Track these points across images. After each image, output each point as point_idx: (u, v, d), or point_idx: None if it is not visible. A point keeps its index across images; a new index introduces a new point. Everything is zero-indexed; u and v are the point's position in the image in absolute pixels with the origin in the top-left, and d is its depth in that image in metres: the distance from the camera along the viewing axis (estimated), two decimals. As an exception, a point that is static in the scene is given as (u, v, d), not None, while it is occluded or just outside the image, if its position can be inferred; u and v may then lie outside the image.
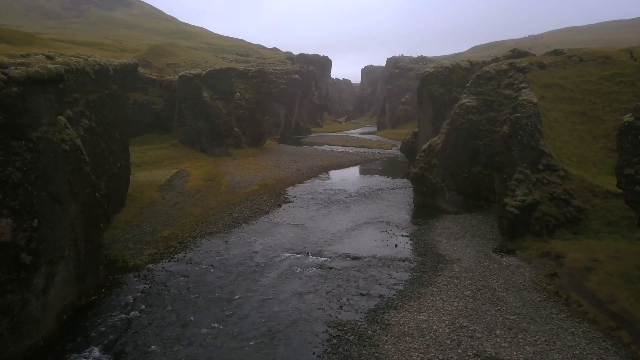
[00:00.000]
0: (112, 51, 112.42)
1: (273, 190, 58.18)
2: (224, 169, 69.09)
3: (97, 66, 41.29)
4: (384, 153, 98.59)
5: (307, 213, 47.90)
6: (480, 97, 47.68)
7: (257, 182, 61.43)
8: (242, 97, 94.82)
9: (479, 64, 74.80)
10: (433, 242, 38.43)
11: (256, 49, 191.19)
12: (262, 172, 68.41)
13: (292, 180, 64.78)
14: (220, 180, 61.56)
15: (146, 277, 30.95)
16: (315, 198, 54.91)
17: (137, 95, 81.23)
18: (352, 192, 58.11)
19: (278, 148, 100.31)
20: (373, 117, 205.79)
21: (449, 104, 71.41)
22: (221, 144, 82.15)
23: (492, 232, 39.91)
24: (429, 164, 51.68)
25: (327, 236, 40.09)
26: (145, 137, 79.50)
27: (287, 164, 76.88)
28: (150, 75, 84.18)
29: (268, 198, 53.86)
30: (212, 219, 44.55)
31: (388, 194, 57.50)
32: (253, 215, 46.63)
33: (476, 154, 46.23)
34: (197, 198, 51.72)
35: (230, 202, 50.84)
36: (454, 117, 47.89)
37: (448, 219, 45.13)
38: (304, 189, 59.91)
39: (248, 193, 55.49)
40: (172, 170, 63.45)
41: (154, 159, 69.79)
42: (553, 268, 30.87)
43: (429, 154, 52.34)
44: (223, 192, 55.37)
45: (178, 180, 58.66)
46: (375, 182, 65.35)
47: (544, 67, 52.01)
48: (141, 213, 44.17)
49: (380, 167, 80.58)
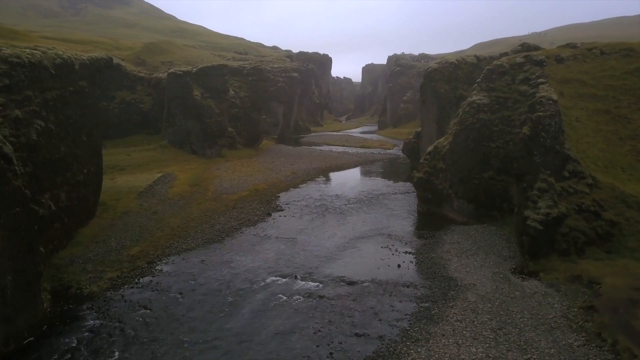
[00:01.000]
0: (107, 49, 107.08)
1: (264, 196, 52.53)
2: (214, 172, 63.49)
3: (59, 60, 35.67)
4: (385, 153, 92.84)
5: (299, 224, 42.26)
6: (493, 94, 41.91)
7: (248, 187, 55.80)
8: (236, 96, 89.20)
9: (485, 59, 68.94)
10: (441, 260, 32.73)
11: (255, 47, 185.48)
12: (254, 175, 62.78)
13: (286, 185, 59.12)
14: (207, 185, 55.97)
15: (100, 310, 25.38)
16: (309, 205, 49.27)
17: (124, 94, 75.69)
18: (351, 198, 52.44)
19: (275, 148, 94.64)
20: (374, 116, 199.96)
21: (455, 102, 65.67)
22: (213, 144, 76.55)
23: (508, 248, 34.20)
24: (435, 168, 45.97)
25: (320, 253, 34.44)
26: (132, 138, 73.93)
27: (282, 166, 71.23)
28: (138, 73, 78.63)
29: (258, 206, 48.23)
30: (191, 231, 38.94)
31: (389, 200, 51.79)
32: (238, 226, 41.01)
33: (488, 158, 40.49)
34: (179, 206, 46.14)
35: (215, 211, 45.23)
36: (463, 117, 42.16)
37: (457, 230, 39.43)
38: (299, 195, 54.26)
39: (236, 200, 49.86)
40: (157, 174, 57.91)
41: (139, 162, 64.22)
42: (589, 298, 25.17)
43: (434, 157, 46.61)
44: (209, 198, 49.76)
45: (161, 185, 53.10)
46: (376, 186, 59.66)
47: (561, 60, 46.20)
48: (111, 225, 38.60)
49: (381, 169, 74.86)
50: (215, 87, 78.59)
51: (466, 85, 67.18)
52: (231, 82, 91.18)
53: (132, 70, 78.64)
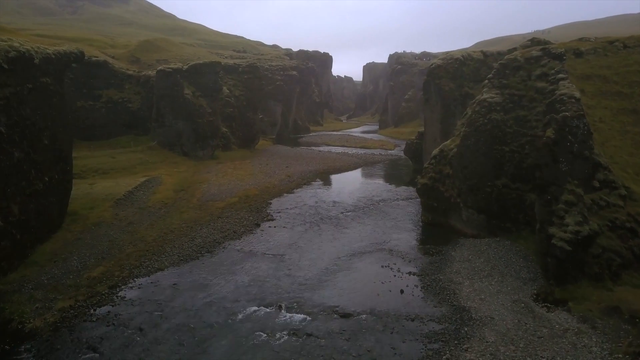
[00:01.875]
0: (101, 47, 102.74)
1: (255, 203, 47.65)
2: (203, 176, 58.65)
3: (14, 53, 30.78)
4: (386, 154, 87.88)
5: (290, 236, 37.38)
6: (506, 92, 36.90)
7: (238, 192, 50.92)
8: (231, 95, 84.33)
9: (493, 55, 63.89)
10: (451, 284, 27.82)
11: (255, 46, 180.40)
12: (246, 179, 57.90)
13: (279, 190, 54.24)
14: (194, 190, 51.13)
15: (39, 353, 20.61)
16: (303, 214, 44.39)
17: (111, 93, 70.82)
18: (349, 205, 47.54)
19: (272, 149, 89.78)
20: (375, 115, 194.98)
21: (460, 101, 60.68)
22: (205, 146, 71.69)
23: (527, 269, 29.28)
24: (441, 174, 41.01)
25: (311, 275, 29.55)
26: (119, 140, 69.13)
27: (277, 169, 66.34)
28: (126, 71, 73.71)
29: (246, 214, 43.37)
30: (167, 246, 34.09)
31: (391, 208, 46.86)
32: (222, 240, 36.14)
33: (501, 163, 35.53)
34: (159, 216, 41.32)
35: (198, 221, 40.39)
36: (473, 117, 37.16)
37: (467, 245, 34.51)
38: (292, 201, 49.38)
39: (223, 208, 45.01)
40: (141, 178, 53.09)
41: (124, 165, 59.40)
42: (635, 340, 20.29)
43: (440, 161, 41.64)
44: (193, 206, 44.93)
45: (144, 191, 48.27)
46: (376, 191, 54.72)
47: (580, 54, 41.22)
48: (77, 240, 33.76)
49: (382, 172, 69.92)
50: (207, 85, 73.68)
51: (472, 83, 62.18)
52: (226, 80, 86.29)
53: (120, 67, 73.75)
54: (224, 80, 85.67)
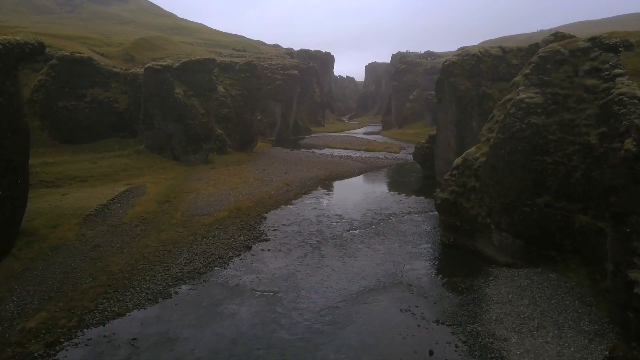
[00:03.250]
0: (96, 45, 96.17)
1: (247, 218, 40.73)
2: (193, 184, 51.71)
3: (-62, 40, 24.00)
4: (392, 158, 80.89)
5: (286, 264, 30.42)
6: (547, 90, 29.86)
7: (229, 204, 43.98)
8: (227, 94, 77.32)
9: (512, 51, 56.84)
10: (494, 340, 20.84)
11: (256, 45, 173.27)
12: (239, 188, 50.94)
13: (276, 201, 47.28)
14: (179, 202, 44.21)
15: None
16: (302, 232, 37.44)
17: (96, 92, 63.82)
18: (355, 221, 40.61)
19: (270, 152, 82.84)
20: (377, 115, 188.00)
21: (477, 101, 53.61)
22: (198, 149, 64.77)
23: (587, 316, 22.27)
24: (465, 187, 34.00)
25: (311, 323, 22.60)
26: (103, 143, 62.16)
27: (275, 175, 59.39)
28: (113, 68, 66.65)
29: (236, 233, 36.43)
30: (136, 279, 27.17)
31: (403, 224, 39.90)
32: (203, 269, 29.20)
33: (543, 177, 28.52)
34: (133, 235, 34.40)
35: (179, 243, 33.47)
36: (508, 121, 30.10)
37: (502, 278, 27.54)
38: (290, 215, 42.44)
39: (210, 224, 38.10)
40: (121, 188, 46.21)
41: (106, 171, 52.49)
42: None
43: (463, 172, 34.60)
44: (176, 223, 38.01)
45: (121, 203, 41.37)
46: (385, 202, 47.75)
47: (630, 47, 34.10)
48: (25, 271, 26.85)
49: (389, 179, 62.94)
50: (200, 84, 66.72)
51: (490, 82, 55.10)
52: (221, 79, 79.32)
53: (106, 65, 66.72)
54: (219, 79, 78.74)
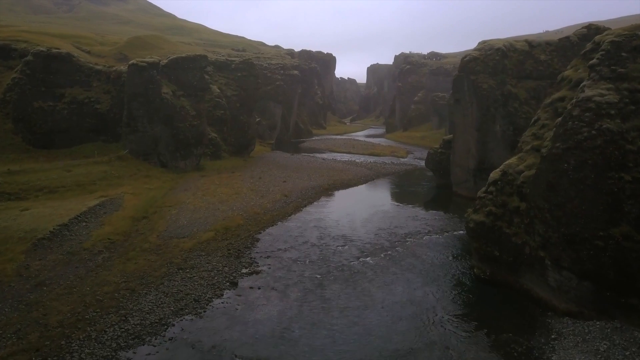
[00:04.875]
0: (90, 44, 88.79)
1: (236, 239, 33.19)
2: (178, 196, 44.24)
3: None
4: (399, 163, 73.37)
5: (279, 312, 22.85)
6: (623, 86, 22.31)
7: (216, 222, 36.44)
8: (222, 95, 69.86)
9: (540, 45, 49.23)
10: None
11: (256, 46, 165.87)
12: (231, 200, 43.44)
13: (272, 217, 39.75)
14: (158, 219, 36.70)
15: None
16: (301, 259, 29.92)
17: (75, 92, 56.34)
18: (365, 244, 33.09)
19: (269, 157, 75.35)
20: (380, 117, 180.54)
21: (502, 102, 46.03)
22: (187, 155, 57.33)
23: None
24: (505, 208, 26.47)
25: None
26: (83, 148, 54.68)
27: (272, 184, 51.90)
28: (95, 66, 59.15)
29: (220, 262, 28.89)
30: (78, 336, 19.65)
31: (424, 248, 32.35)
32: (172, 318, 21.68)
33: (619, 201, 21.02)
34: (92, 266, 26.91)
35: (147, 277, 25.97)
36: (571, 126, 22.53)
37: (569, 337, 19.97)
38: (288, 236, 34.93)
39: (191, 249, 30.58)
40: (93, 201, 38.75)
41: (81, 180, 45.02)
42: None
43: (503, 189, 27.06)
44: (149, 247, 30.49)
45: (88, 221, 33.86)
46: (398, 219, 40.25)
47: None
48: None
49: (398, 188, 55.40)
50: (190, 83, 59.29)
51: (515, 80, 47.56)
52: (216, 78, 71.91)
53: (87, 62, 59.20)
54: (214, 79, 71.34)
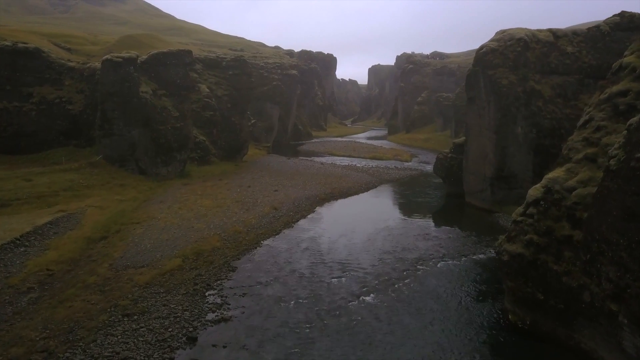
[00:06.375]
0: (81, 44, 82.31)
1: (208, 269, 26.42)
2: (150, 209, 37.54)
3: None
4: (403, 168, 66.59)
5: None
6: None
7: (187, 245, 29.65)
8: (212, 94, 63.23)
9: (566, 36, 42.24)
10: None
11: (255, 47, 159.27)
12: (210, 215, 36.68)
13: (255, 236, 32.93)
14: (118, 240, 29.94)
15: None
16: (286, 298, 23.14)
17: (44, 91, 49.82)
18: (367, 274, 26.30)
19: (263, 161, 68.69)
20: (381, 119, 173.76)
21: (524, 101, 38.99)
22: (170, 161, 50.65)
23: None
24: (551, 237, 19.64)
25: None
26: (52, 153, 48.09)
27: (261, 194, 45.16)
28: (67, 62, 52.53)
29: (181, 303, 22.09)
30: None
31: (439, 279, 25.55)
32: (91, 405, 15.09)
33: None
34: (10, 312, 20.18)
35: (76, 330, 19.25)
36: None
37: None
38: (272, 263, 28.14)
39: (148, 283, 23.81)
40: (43, 218, 32.08)
41: (41, 192, 38.40)
42: None
43: (547, 211, 20.20)
44: (94, 282, 23.75)
45: (27, 246, 27.18)
46: (406, 238, 33.40)
47: None
48: None
49: (404, 198, 48.52)
50: (173, 81, 52.68)
51: (539, 75, 40.69)
52: (205, 76, 65.30)
53: (58, 58, 52.57)
54: (203, 77, 64.75)
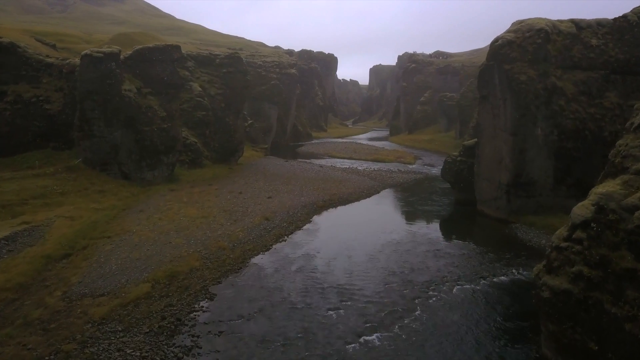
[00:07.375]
0: (74, 42, 78.23)
1: (180, 296, 21.90)
2: (127, 220, 33.06)
3: None
4: (407, 171, 62.06)
5: None
6: None
7: (160, 265, 25.14)
8: (204, 93, 58.80)
9: (590, 27, 37.45)
10: None
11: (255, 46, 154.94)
12: (192, 227, 32.16)
13: (242, 252, 28.41)
14: (82, 259, 25.49)
15: None
16: (271, 337, 18.61)
17: (20, 89, 45.44)
18: (368, 302, 21.76)
19: (259, 164, 64.26)
20: (382, 119, 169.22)
21: (544, 99, 34.17)
22: (156, 164, 46.20)
23: None
24: (606, 269, 15.15)
25: None
26: (27, 156, 43.65)
27: (253, 202, 40.67)
28: (45, 58, 48.08)
29: (140, 346, 17.54)
30: None
31: (454, 311, 21.03)
32: None
33: None
34: None
35: (1, 388, 14.92)
36: None
37: None
38: (258, 289, 23.61)
39: (104, 317, 19.28)
40: (3, 232, 27.77)
41: (8, 200, 33.97)
42: None
43: (600, 237, 15.68)
44: (39, 317, 19.28)
45: (-26, 267, 22.80)
46: (414, 255, 28.87)
47: None
48: None
49: (409, 206, 43.91)
50: (160, 78, 48.29)
51: (560, 71, 36.02)
52: (198, 74, 60.88)
53: (35, 53, 48.09)
54: (195, 75, 60.33)
